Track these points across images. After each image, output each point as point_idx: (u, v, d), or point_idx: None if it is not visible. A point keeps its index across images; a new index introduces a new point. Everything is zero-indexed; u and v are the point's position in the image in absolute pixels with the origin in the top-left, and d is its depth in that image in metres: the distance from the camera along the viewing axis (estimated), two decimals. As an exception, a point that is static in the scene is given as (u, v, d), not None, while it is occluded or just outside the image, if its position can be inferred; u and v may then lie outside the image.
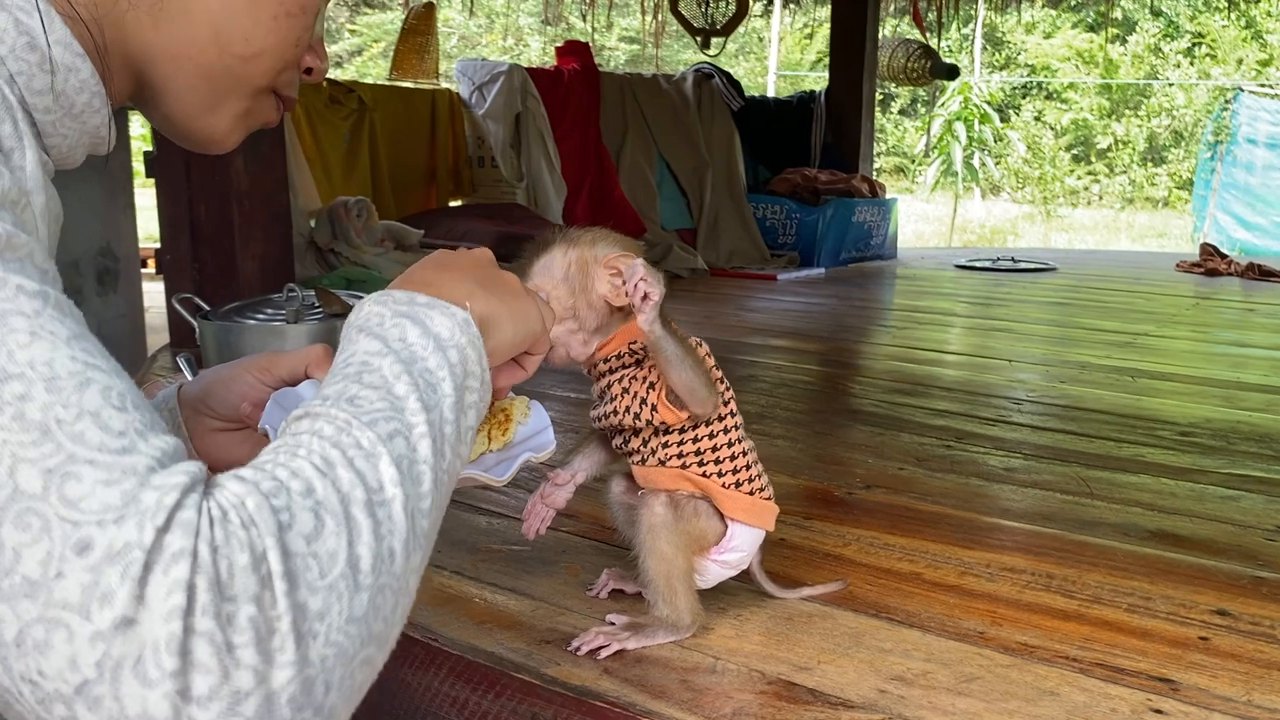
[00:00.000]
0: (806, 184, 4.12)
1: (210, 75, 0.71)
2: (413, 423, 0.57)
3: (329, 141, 3.06)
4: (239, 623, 0.44)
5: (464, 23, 15.19)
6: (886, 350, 2.63)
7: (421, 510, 0.56)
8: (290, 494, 0.49)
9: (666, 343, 0.89)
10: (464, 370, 0.64)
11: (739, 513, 0.96)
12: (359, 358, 0.60)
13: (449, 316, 0.65)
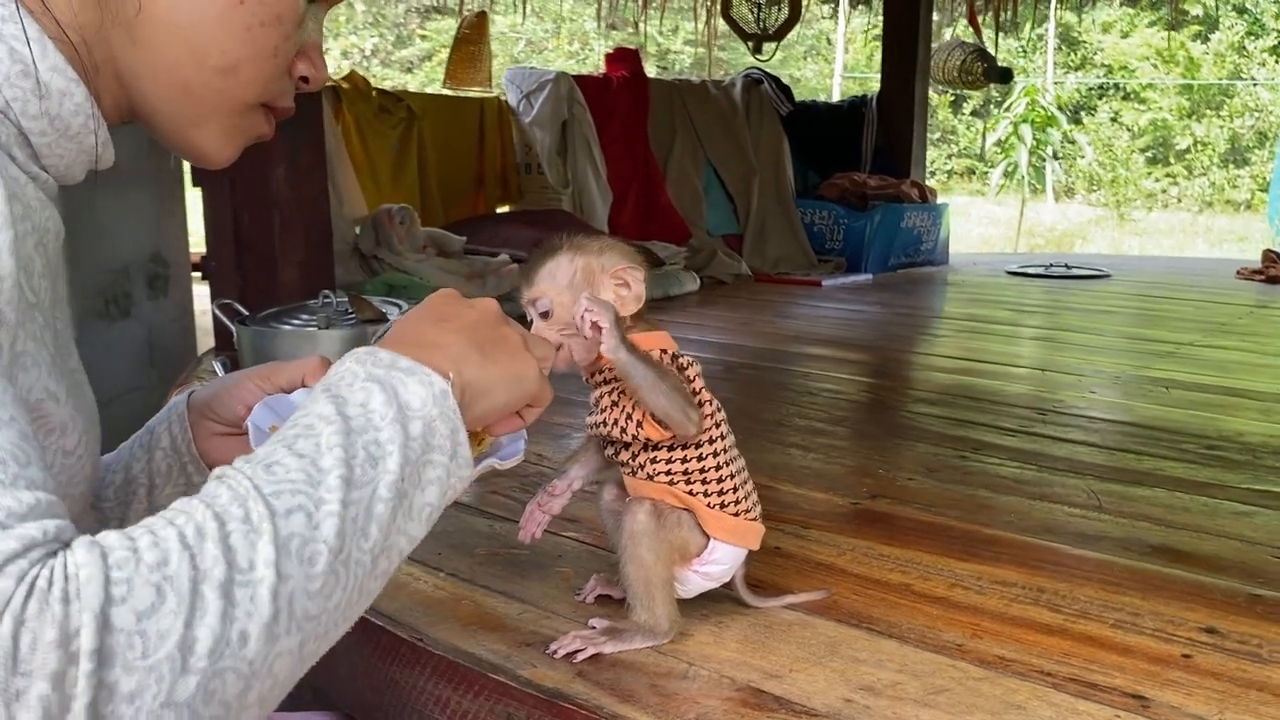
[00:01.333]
0: (855, 189, 4.11)
1: (189, 90, 0.73)
2: (324, 499, 0.57)
3: (377, 150, 3.13)
4: (27, 700, 0.44)
5: (531, 28, 15.34)
6: (918, 358, 2.62)
7: (308, 591, 0.55)
8: (139, 565, 0.49)
9: (634, 369, 0.90)
10: (425, 444, 0.63)
11: (722, 532, 0.98)
12: (306, 420, 0.61)
13: (426, 386, 0.65)
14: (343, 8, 14.64)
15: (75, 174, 0.74)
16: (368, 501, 0.59)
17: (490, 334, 0.73)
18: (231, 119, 0.76)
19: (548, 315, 0.94)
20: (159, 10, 0.69)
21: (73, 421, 0.67)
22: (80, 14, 0.69)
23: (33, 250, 0.69)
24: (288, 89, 0.79)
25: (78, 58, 0.71)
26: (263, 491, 0.55)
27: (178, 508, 0.54)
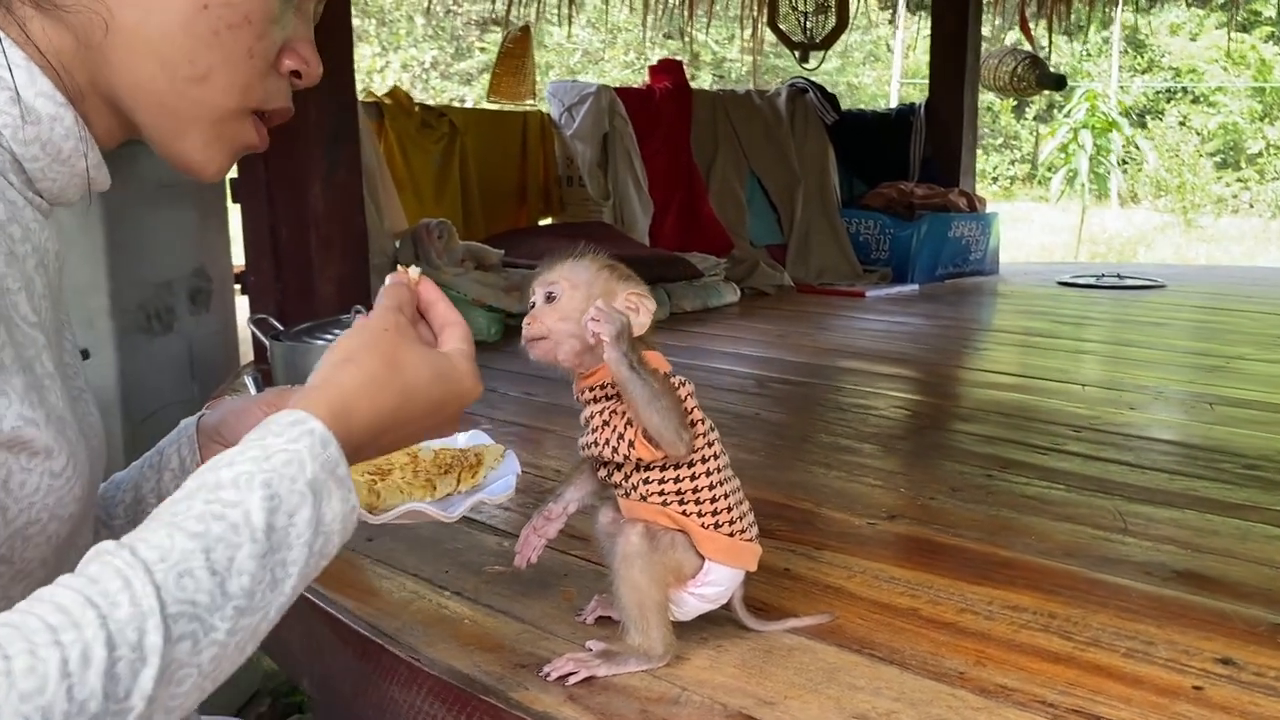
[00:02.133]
0: (901, 198, 4.06)
1: (165, 103, 0.73)
2: (215, 627, 0.57)
3: (420, 165, 3.17)
4: None
5: (587, 39, 15.43)
6: (955, 372, 2.57)
7: (168, 709, 0.55)
8: (10, 693, 0.49)
9: (634, 384, 0.90)
10: (322, 554, 0.65)
11: (716, 553, 0.97)
12: (236, 515, 0.60)
13: (344, 502, 0.66)
14: (402, 21, 14.87)
15: (70, 196, 0.76)
16: (254, 625, 0.60)
17: (440, 424, 0.75)
18: (214, 128, 0.75)
19: (552, 299, 0.95)
20: (126, 29, 0.70)
21: (58, 444, 0.68)
22: (55, 40, 0.70)
23: (33, 271, 0.71)
24: (279, 89, 0.78)
25: (63, 84, 0.72)
26: (165, 612, 0.55)
27: (71, 616, 0.52)
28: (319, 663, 1.15)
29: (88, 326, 2.13)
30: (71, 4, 0.69)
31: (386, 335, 0.73)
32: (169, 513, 0.60)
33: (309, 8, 0.80)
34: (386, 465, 0.92)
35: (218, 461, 0.63)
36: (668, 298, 3.12)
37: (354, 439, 0.68)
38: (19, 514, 0.66)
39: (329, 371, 0.71)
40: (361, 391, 0.70)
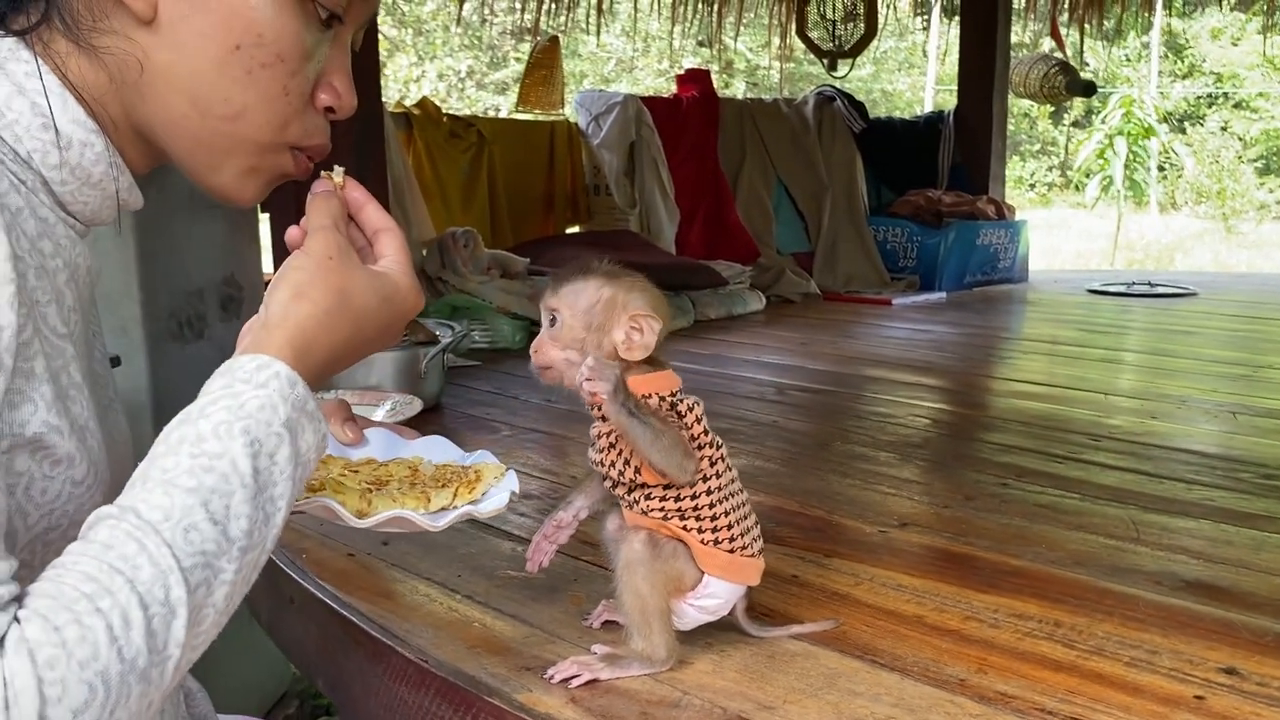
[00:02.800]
0: (929, 206, 4.05)
1: (200, 139, 0.76)
2: (223, 569, 0.62)
3: (448, 174, 3.21)
4: None
5: (620, 47, 15.49)
6: (977, 381, 2.57)
7: (194, 646, 0.61)
8: (70, 663, 0.54)
9: (635, 429, 0.92)
10: (302, 480, 0.69)
11: (714, 569, 0.98)
12: (224, 465, 0.64)
13: (316, 432, 0.70)
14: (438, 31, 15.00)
15: (104, 217, 0.79)
16: (255, 560, 0.65)
17: (387, 337, 0.79)
18: (248, 161, 0.78)
19: (555, 324, 0.96)
20: (160, 69, 0.73)
21: (80, 453, 0.71)
22: (90, 77, 0.73)
23: (63, 285, 0.74)
24: (317, 127, 0.80)
25: (97, 113, 0.75)
26: (182, 565, 0.60)
27: (100, 583, 0.57)
28: (332, 663, 1.18)
29: (120, 334, 2.17)
30: (107, 44, 0.72)
31: (331, 264, 0.75)
32: (159, 470, 0.64)
33: (346, 38, 0.81)
34: (385, 476, 0.94)
35: (190, 413, 0.67)
36: (692, 305, 3.14)
37: (314, 371, 0.73)
38: (40, 519, 0.69)
39: (283, 309, 0.73)
40: (319, 327, 0.73)
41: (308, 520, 1.38)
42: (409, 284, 0.80)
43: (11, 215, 0.67)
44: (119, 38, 0.72)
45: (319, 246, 0.76)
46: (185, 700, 0.96)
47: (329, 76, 0.79)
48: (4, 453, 0.65)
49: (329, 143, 0.82)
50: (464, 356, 2.41)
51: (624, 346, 0.94)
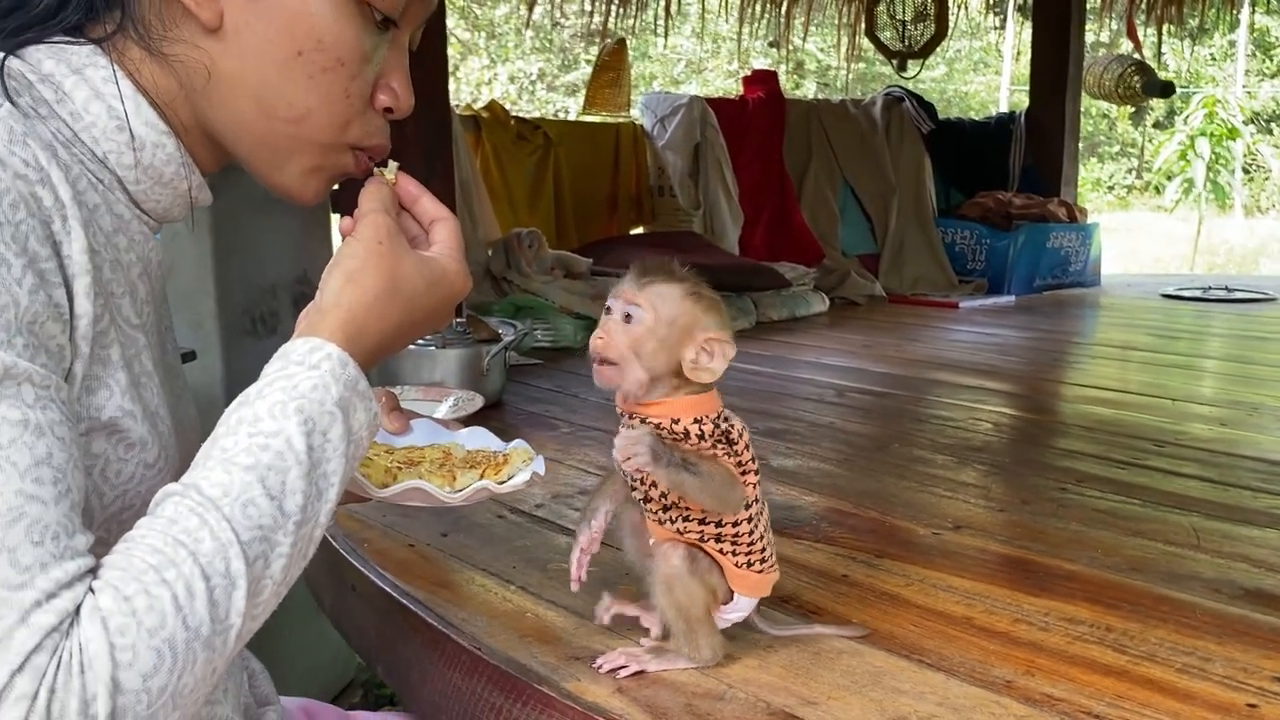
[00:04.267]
0: (999, 208, 4.00)
1: (265, 140, 0.80)
2: (279, 542, 0.66)
3: (514, 176, 3.26)
4: None
5: (690, 49, 15.49)
6: (1041, 385, 2.53)
7: (254, 616, 0.65)
8: (139, 630, 0.58)
9: (686, 483, 0.91)
10: (355, 457, 0.72)
11: (745, 588, 0.99)
12: (279, 444, 0.67)
13: (368, 411, 0.73)
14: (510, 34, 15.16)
15: (176, 214, 0.83)
16: (310, 533, 0.68)
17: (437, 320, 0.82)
18: (311, 161, 0.81)
19: (630, 320, 0.91)
20: (227, 75, 0.77)
21: (151, 437, 0.75)
22: (161, 82, 0.77)
23: (137, 278, 0.78)
24: (377, 127, 0.83)
25: (168, 115, 0.79)
26: (241, 539, 0.63)
27: (166, 555, 0.61)
28: (391, 650, 1.21)
29: (196, 329, 2.25)
30: (177, 52, 0.76)
31: (383, 249, 0.78)
32: (219, 450, 0.67)
33: (404, 39, 0.84)
34: (418, 457, 0.97)
35: (249, 395, 0.70)
36: (754, 306, 3.14)
37: (367, 352, 0.76)
38: (115, 499, 0.73)
39: (335, 294, 0.76)
40: (370, 311, 0.76)
41: (370, 511, 1.43)
42: (457, 268, 0.83)
43: (89, 211, 0.71)
44: (188, 45, 0.76)
45: (369, 232, 0.79)
46: (249, 681, 1.00)
47: (387, 78, 0.82)
48: (83, 434, 0.69)
49: (388, 142, 0.85)
50: (526, 355, 2.45)
51: (690, 366, 0.91)
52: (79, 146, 0.73)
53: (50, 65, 0.73)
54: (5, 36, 0.72)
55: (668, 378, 0.93)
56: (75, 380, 0.68)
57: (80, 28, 0.75)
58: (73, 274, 0.66)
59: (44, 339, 0.63)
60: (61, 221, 0.66)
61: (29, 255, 0.62)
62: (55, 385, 0.63)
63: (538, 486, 1.03)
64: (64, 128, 0.73)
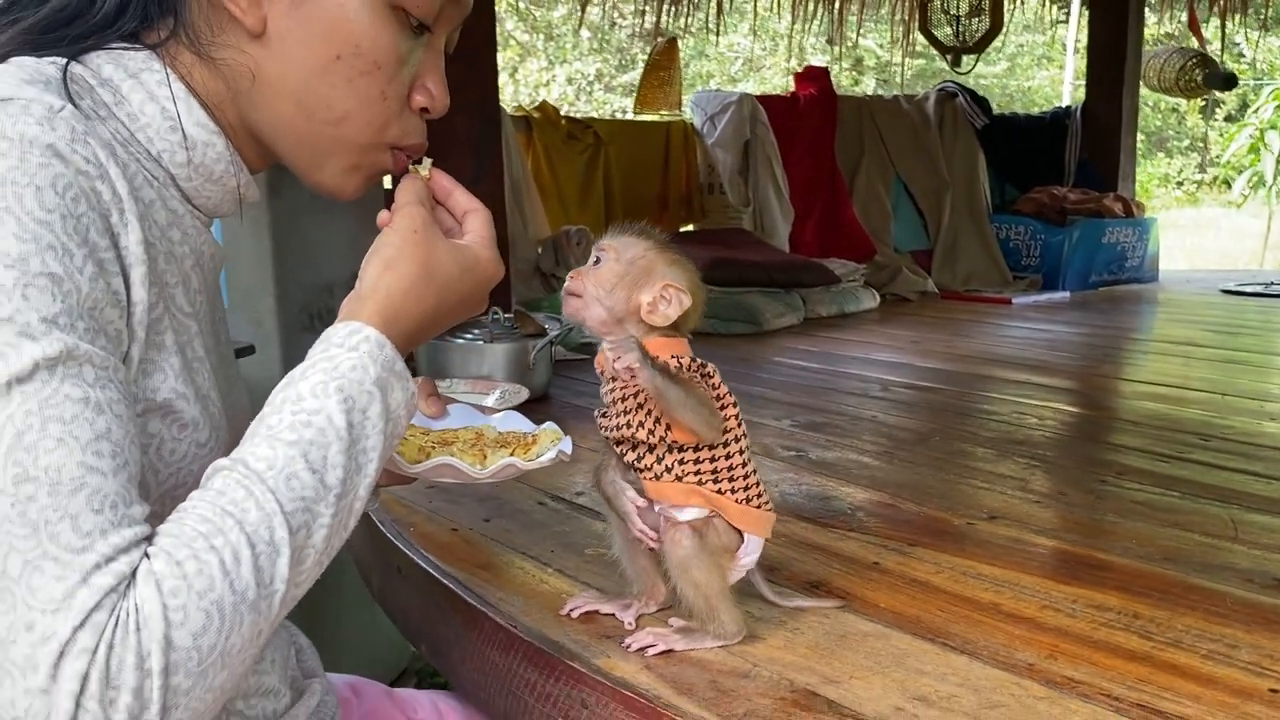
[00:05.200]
0: (1053, 204, 3.96)
1: (305, 141, 0.84)
2: (321, 513, 0.70)
3: (565, 175, 3.31)
4: (118, 705, 0.59)
5: (748, 47, 15.46)
6: (1090, 379, 2.52)
7: (297, 583, 0.69)
8: (190, 593, 0.62)
9: (668, 392, 0.96)
10: (394, 435, 0.76)
11: (750, 525, 1.02)
12: (320, 420, 0.72)
13: (404, 390, 0.77)
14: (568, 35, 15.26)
15: (225, 209, 0.88)
16: (350, 505, 0.72)
17: (473, 305, 0.86)
18: (350, 160, 0.86)
19: (597, 264, 1.00)
20: (270, 78, 0.82)
21: (203, 418, 0.80)
22: (210, 85, 0.83)
23: (190, 269, 0.83)
24: (414, 127, 0.88)
25: (217, 115, 0.84)
26: (284, 509, 0.68)
27: (214, 523, 0.65)
28: (434, 629, 1.26)
29: (256, 325, 2.33)
30: (224, 56, 0.81)
31: (417, 237, 0.82)
32: (265, 427, 0.72)
33: (439, 42, 0.89)
34: (452, 438, 1.01)
35: (293, 376, 0.75)
36: (802, 302, 3.15)
37: (404, 335, 0.80)
38: (169, 476, 0.78)
39: (374, 280, 0.81)
40: (406, 296, 0.80)
41: (416, 496, 1.48)
42: (489, 255, 0.87)
43: (145, 206, 0.76)
44: (234, 50, 0.80)
45: (405, 222, 0.83)
46: (296, 655, 1.05)
47: (423, 79, 0.87)
48: (139, 415, 0.74)
49: (425, 141, 0.89)
50: (572, 350, 2.50)
51: (647, 309, 0.98)
52: (136, 146, 0.78)
53: (109, 70, 0.78)
54: (69, 43, 0.78)
55: (632, 321, 0.99)
56: (132, 364, 0.73)
57: (136, 34, 0.80)
58: (129, 264, 0.71)
59: (103, 323, 0.68)
60: (119, 214, 0.71)
61: (90, 245, 0.67)
62: (113, 366, 0.67)
63: (579, 475, 1.07)
64: (122, 128, 0.78)
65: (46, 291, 0.64)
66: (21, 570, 0.59)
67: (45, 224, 0.65)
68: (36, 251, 0.64)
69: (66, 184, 0.66)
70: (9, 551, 0.59)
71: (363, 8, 0.80)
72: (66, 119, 0.69)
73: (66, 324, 0.64)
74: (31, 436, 0.61)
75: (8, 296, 0.63)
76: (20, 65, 0.74)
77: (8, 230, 0.63)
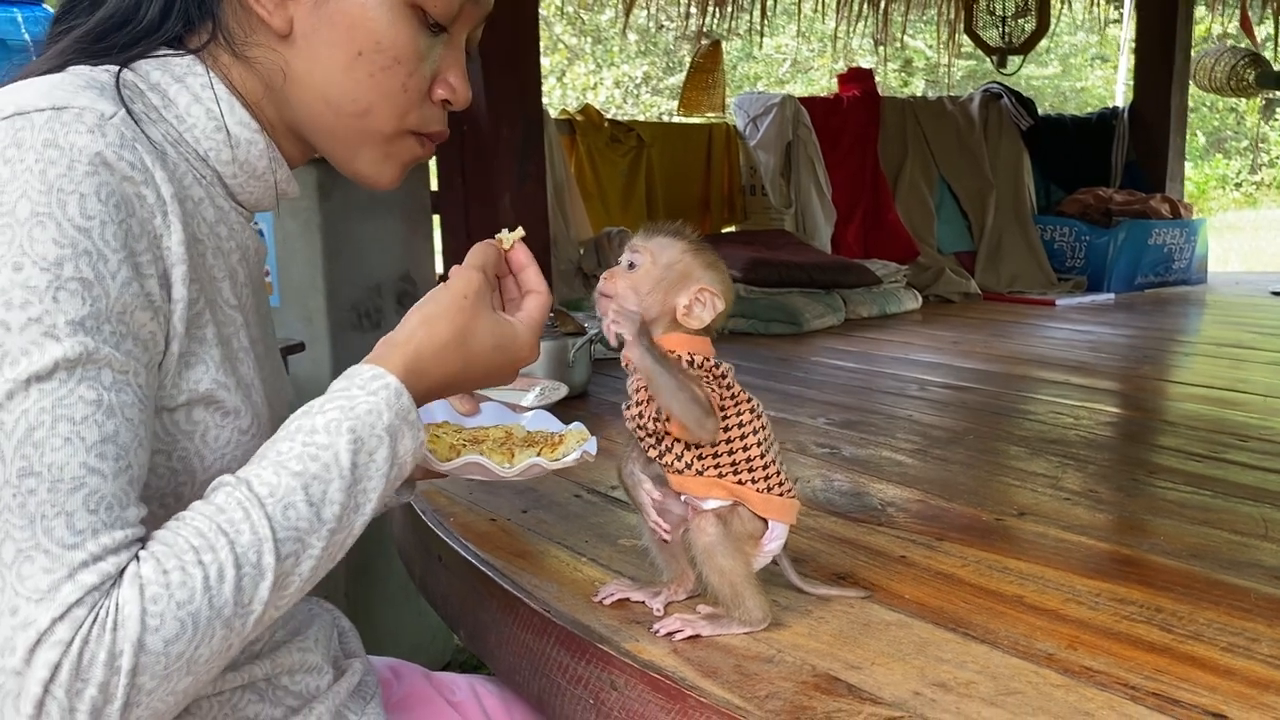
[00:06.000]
0: (1099, 205, 3.94)
1: (335, 133, 0.89)
2: (312, 545, 0.73)
3: (608, 177, 3.36)
4: (84, 697, 0.63)
5: (796, 48, 15.42)
6: (1128, 380, 2.51)
7: (277, 606, 0.72)
8: (170, 601, 0.66)
9: (657, 375, 0.97)
10: (397, 479, 0.79)
11: (773, 512, 1.05)
12: (327, 456, 0.75)
13: (414, 439, 0.80)
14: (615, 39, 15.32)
15: (266, 204, 0.93)
16: (343, 540, 0.75)
17: (499, 373, 0.88)
18: (380, 149, 0.90)
19: (632, 268, 1.02)
20: (299, 75, 0.86)
21: (245, 407, 0.85)
22: (249, 83, 0.87)
23: (236, 264, 0.88)
24: (434, 116, 0.91)
25: (256, 114, 0.89)
26: (276, 538, 0.71)
27: (207, 539, 0.69)
28: (472, 615, 1.30)
29: (306, 323, 2.40)
30: (258, 56, 0.86)
31: (465, 304, 0.85)
32: (275, 452, 0.75)
33: (459, 39, 0.93)
34: (482, 436, 1.05)
35: (312, 407, 0.78)
36: (843, 303, 3.17)
37: (423, 391, 0.83)
38: (214, 462, 0.83)
39: (410, 331, 0.84)
40: (433, 356, 0.83)
41: (456, 488, 1.53)
42: (528, 340, 0.91)
43: (194, 204, 0.81)
44: (265, 49, 0.85)
45: (459, 285, 0.87)
46: (338, 636, 1.10)
47: (445, 74, 0.90)
48: (180, 405, 0.78)
49: (447, 130, 0.93)
50: (611, 349, 2.54)
51: (682, 312, 1.00)
52: (184, 146, 0.83)
53: (157, 75, 0.83)
54: (119, 51, 0.83)
55: (663, 322, 1.02)
56: (172, 358, 0.77)
57: (181, 39, 0.85)
58: (170, 264, 0.75)
59: (133, 327, 0.71)
60: (162, 217, 0.75)
61: (128, 250, 0.71)
62: (134, 371, 0.71)
63: (615, 469, 1.10)
64: (171, 130, 0.83)
65: (77, 295, 0.68)
66: (14, 558, 0.64)
67: (84, 230, 0.69)
68: (72, 256, 0.68)
69: (110, 191, 0.70)
70: (4, 539, 0.64)
71: (381, 6, 0.84)
72: (116, 125, 0.73)
73: (92, 327, 0.68)
74: (41, 433, 0.65)
75: (39, 298, 0.67)
76: (76, 74, 0.79)
77: (48, 235, 0.67)
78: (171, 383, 0.77)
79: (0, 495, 0.64)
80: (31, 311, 0.66)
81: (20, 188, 0.67)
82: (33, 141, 0.69)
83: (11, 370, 0.66)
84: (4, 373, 0.66)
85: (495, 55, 2.39)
